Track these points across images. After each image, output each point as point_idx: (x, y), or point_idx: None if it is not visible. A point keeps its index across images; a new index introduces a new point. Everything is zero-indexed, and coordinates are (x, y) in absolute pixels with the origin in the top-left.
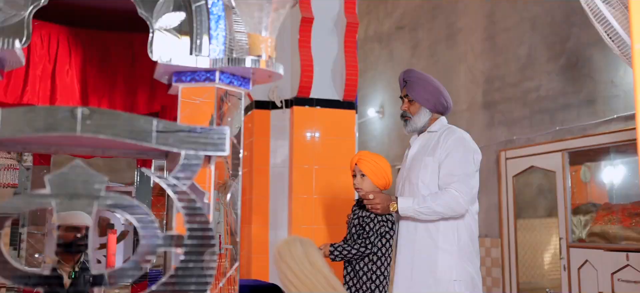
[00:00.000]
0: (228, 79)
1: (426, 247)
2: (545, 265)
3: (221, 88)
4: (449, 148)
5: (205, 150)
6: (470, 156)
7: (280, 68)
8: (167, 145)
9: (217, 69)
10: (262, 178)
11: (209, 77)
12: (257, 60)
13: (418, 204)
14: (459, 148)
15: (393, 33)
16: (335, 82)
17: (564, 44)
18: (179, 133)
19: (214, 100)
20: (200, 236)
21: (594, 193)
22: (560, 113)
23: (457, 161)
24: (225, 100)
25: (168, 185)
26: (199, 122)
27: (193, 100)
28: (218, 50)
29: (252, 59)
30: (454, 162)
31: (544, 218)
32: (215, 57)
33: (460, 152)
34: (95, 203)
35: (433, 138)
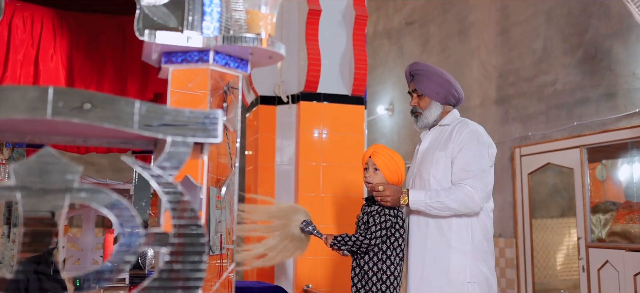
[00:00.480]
0: (223, 60)
1: (438, 246)
2: (562, 266)
3: (216, 70)
4: (462, 142)
5: (194, 136)
6: (485, 150)
7: (282, 48)
8: (151, 131)
9: (211, 48)
10: (268, 176)
11: (202, 58)
12: (256, 38)
13: (430, 198)
14: (473, 142)
15: (403, 28)
16: (343, 77)
17: (582, 36)
18: (165, 117)
19: (207, 84)
20: (188, 234)
21: (611, 191)
22: (577, 108)
23: (471, 156)
24: (220, 84)
25: (152, 176)
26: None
27: (184, 84)
28: (212, 28)
29: (250, 38)
30: (468, 156)
31: (561, 218)
32: (209, 36)
33: (474, 146)
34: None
35: (445, 132)
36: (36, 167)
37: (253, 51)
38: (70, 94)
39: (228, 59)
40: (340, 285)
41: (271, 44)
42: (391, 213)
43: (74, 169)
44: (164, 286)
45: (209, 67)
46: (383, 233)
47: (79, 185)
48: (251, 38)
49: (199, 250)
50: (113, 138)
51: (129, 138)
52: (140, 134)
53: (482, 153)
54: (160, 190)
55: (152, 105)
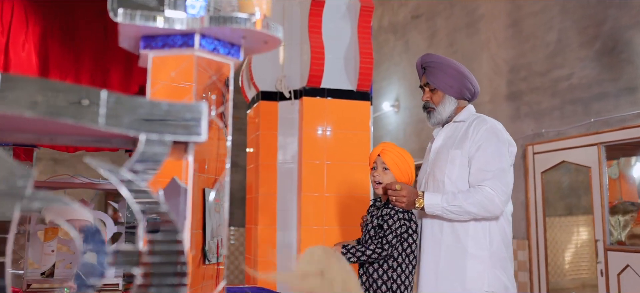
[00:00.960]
0: (211, 44)
1: (453, 252)
2: (577, 269)
3: (203, 57)
4: (480, 140)
5: (173, 134)
6: (505, 149)
7: (279, 30)
8: (122, 127)
9: (197, 31)
10: (270, 176)
11: (186, 42)
12: (249, 19)
13: (447, 202)
14: (492, 140)
15: (409, 22)
16: (348, 71)
17: (599, 27)
18: (138, 110)
19: (193, 73)
20: (165, 251)
21: (625, 190)
22: (595, 103)
23: (490, 155)
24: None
25: (121, 181)
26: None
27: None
28: (198, 8)
29: (242, 19)
30: (487, 156)
31: (576, 217)
32: (194, 16)
33: (493, 144)
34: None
35: (460, 128)
36: None
37: (246, 34)
38: (21, 81)
39: (217, 44)
40: None
41: (266, 26)
42: (405, 216)
43: (25, 173)
44: None
45: (194, 52)
46: (402, 243)
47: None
48: (243, 19)
49: (177, 271)
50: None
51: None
52: (108, 130)
53: (501, 152)
54: (131, 199)
55: (122, 96)
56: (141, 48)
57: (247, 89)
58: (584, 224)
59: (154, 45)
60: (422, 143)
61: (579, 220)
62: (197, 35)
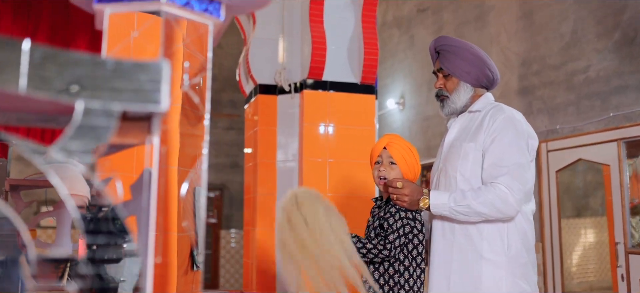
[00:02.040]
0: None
1: (467, 257)
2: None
3: (172, 13)
4: (495, 131)
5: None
6: (524, 142)
7: None
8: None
9: None
10: (268, 174)
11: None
12: None
13: (455, 201)
14: (508, 131)
15: (414, 16)
16: (351, 63)
17: (618, 17)
18: (75, 69)
19: (159, 34)
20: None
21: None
22: (614, 97)
23: (506, 148)
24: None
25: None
26: None
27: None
28: None
29: None
30: (503, 148)
31: (594, 218)
32: None
33: (510, 136)
34: None
35: (475, 119)
36: None
37: None
38: None
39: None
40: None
41: None
42: (409, 216)
43: None
44: None
45: (161, 7)
46: (401, 241)
47: None
48: None
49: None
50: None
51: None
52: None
53: (519, 145)
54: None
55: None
56: (94, 2)
57: (244, 82)
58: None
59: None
60: (428, 141)
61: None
62: None
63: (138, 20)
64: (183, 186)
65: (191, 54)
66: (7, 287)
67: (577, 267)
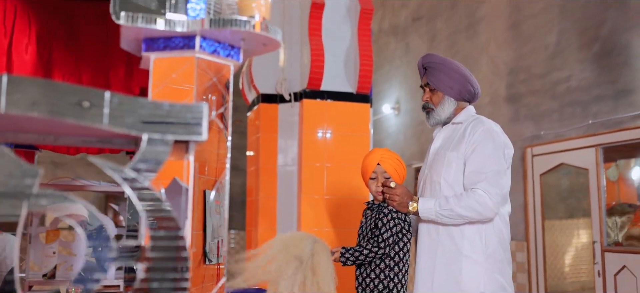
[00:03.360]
0: (211, 46)
1: (449, 254)
2: (576, 271)
3: (203, 59)
4: (475, 142)
5: (174, 134)
6: (501, 151)
7: (278, 33)
8: (124, 127)
9: (198, 33)
10: (270, 178)
11: (187, 44)
12: (249, 22)
13: (440, 206)
14: (488, 142)
15: (409, 25)
16: (348, 74)
17: (598, 30)
18: (140, 111)
19: (193, 74)
20: (167, 247)
21: (624, 192)
22: (593, 105)
23: (485, 157)
24: (209, 74)
25: (125, 179)
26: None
27: (167, 75)
28: (198, 10)
29: (241, 21)
30: (482, 158)
31: (575, 220)
32: (194, 18)
33: (488, 146)
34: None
35: (458, 130)
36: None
37: (245, 37)
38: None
39: (217, 46)
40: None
41: (266, 29)
42: (400, 216)
43: (33, 172)
44: None
45: (194, 54)
46: (394, 239)
47: (39, 191)
48: (242, 21)
49: (179, 266)
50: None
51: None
52: (111, 130)
53: (497, 155)
54: (134, 196)
55: (125, 97)
56: (143, 50)
57: (247, 91)
58: (583, 227)
59: (155, 47)
60: (422, 146)
61: (578, 223)
62: (198, 37)
63: (176, 64)
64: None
65: (217, 89)
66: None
67: (562, 266)
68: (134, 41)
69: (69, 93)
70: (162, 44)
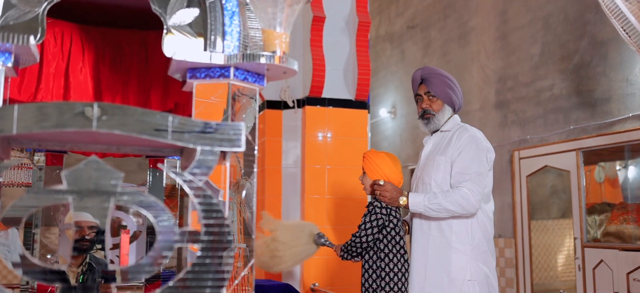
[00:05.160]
0: (242, 75)
1: (439, 246)
2: (559, 266)
3: (235, 84)
4: (461, 147)
5: (221, 146)
6: (483, 155)
7: (295, 64)
8: (183, 141)
9: (232, 65)
10: (274, 179)
11: (223, 74)
12: (272, 56)
13: (428, 200)
14: (471, 146)
15: (405, 33)
16: (347, 82)
17: (578, 42)
18: (195, 129)
19: (227, 97)
20: (217, 232)
21: (609, 192)
22: (574, 112)
23: (469, 160)
24: (239, 97)
25: (184, 181)
26: (213, 118)
27: (207, 97)
28: (232, 47)
29: (266, 55)
30: (466, 160)
31: (558, 219)
32: (229, 53)
33: (472, 150)
34: (112, 200)
35: (446, 137)
36: (84, 173)
37: (269, 67)
38: (112, 109)
39: (246, 74)
40: (346, 284)
41: (285, 61)
42: (383, 211)
43: (117, 175)
44: (197, 278)
45: (229, 81)
46: (375, 231)
47: (121, 189)
48: (268, 56)
49: (225, 247)
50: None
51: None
52: (174, 144)
53: (480, 157)
54: (191, 194)
55: (183, 119)
56: (188, 78)
57: None
58: (566, 226)
59: (198, 75)
60: (417, 148)
61: (562, 223)
62: (232, 68)
63: (214, 88)
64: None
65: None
66: None
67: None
68: (180, 70)
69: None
70: (204, 73)
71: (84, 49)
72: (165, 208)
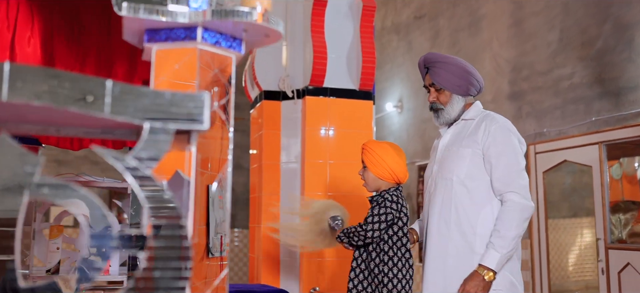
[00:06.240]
0: (213, 38)
1: (460, 251)
2: (579, 269)
3: (205, 50)
4: (495, 143)
5: (176, 122)
6: (519, 148)
7: (280, 25)
8: (126, 115)
9: (199, 24)
10: (273, 175)
11: (189, 36)
12: (250, 12)
13: (500, 246)
14: (508, 143)
15: (412, 23)
16: (350, 71)
17: (600, 26)
18: (142, 100)
19: (196, 66)
20: (169, 236)
21: (627, 190)
22: (596, 102)
23: (512, 158)
24: (211, 66)
25: (126, 168)
26: None
27: (170, 66)
28: (200, 1)
29: (243, 11)
30: (508, 162)
31: (578, 218)
32: (196, 9)
33: (510, 148)
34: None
35: (468, 126)
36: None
37: (247, 27)
38: (30, 72)
39: (219, 38)
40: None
41: (267, 20)
42: (394, 206)
43: (33, 160)
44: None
45: (196, 46)
46: (383, 226)
47: (41, 179)
48: (244, 12)
49: (181, 255)
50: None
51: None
52: (113, 119)
53: (516, 152)
54: (136, 185)
55: (127, 86)
56: (145, 41)
57: (250, 88)
58: (586, 226)
59: (157, 38)
60: (425, 144)
61: (582, 222)
62: (200, 28)
63: (178, 55)
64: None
65: (219, 81)
66: None
67: (566, 265)
68: (136, 33)
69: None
70: (164, 35)
71: (33, 17)
72: (102, 205)
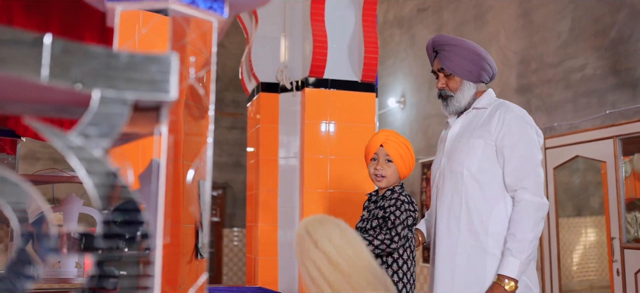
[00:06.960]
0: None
1: (471, 251)
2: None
3: (179, 10)
4: (512, 134)
5: (135, 90)
6: (536, 141)
7: None
8: (69, 81)
9: None
10: (270, 171)
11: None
12: None
13: (519, 251)
14: (524, 134)
15: (415, 16)
16: (352, 61)
17: (615, 15)
18: (91, 61)
19: (167, 30)
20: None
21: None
22: (610, 94)
23: (527, 153)
24: (186, 31)
25: (69, 147)
26: None
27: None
28: None
29: None
30: (523, 155)
31: (591, 216)
32: None
33: (526, 139)
34: None
35: (480, 115)
36: None
37: None
38: None
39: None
40: None
41: None
42: (411, 208)
43: None
44: None
45: (168, 5)
46: (406, 232)
47: None
48: None
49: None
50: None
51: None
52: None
53: (532, 145)
54: (82, 170)
55: (72, 44)
56: (106, 1)
57: (247, 81)
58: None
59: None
60: (429, 140)
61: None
62: None
63: (147, 18)
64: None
65: (197, 49)
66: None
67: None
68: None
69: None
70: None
71: None
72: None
